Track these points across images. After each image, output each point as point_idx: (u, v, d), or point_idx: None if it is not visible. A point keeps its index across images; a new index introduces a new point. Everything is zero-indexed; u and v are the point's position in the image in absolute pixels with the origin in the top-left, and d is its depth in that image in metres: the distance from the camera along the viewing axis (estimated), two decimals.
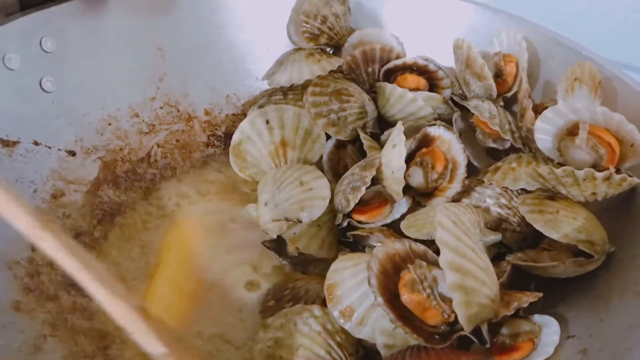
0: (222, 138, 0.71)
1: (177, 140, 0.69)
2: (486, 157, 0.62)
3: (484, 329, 0.42)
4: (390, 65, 0.66)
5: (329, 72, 0.65)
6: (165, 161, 0.68)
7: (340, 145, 0.65)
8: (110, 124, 0.65)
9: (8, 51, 0.58)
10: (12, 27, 0.58)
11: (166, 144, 0.69)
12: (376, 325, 0.46)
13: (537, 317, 0.48)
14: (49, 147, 0.60)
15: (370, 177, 0.55)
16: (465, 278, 0.40)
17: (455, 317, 0.43)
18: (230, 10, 0.71)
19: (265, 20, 0.71)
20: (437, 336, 0.43)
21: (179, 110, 0.70)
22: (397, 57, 0.68)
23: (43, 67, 0.61)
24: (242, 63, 0.72)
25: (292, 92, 0.68)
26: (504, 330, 0.47)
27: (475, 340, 0.43)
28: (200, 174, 0.68)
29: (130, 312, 0.39)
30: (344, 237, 0.58)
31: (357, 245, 0.57)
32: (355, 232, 0.55)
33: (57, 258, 0.38)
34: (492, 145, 0.61)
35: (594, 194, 0.50)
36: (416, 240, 0.48)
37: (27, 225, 0.38)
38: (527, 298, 0.46)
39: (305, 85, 0.66)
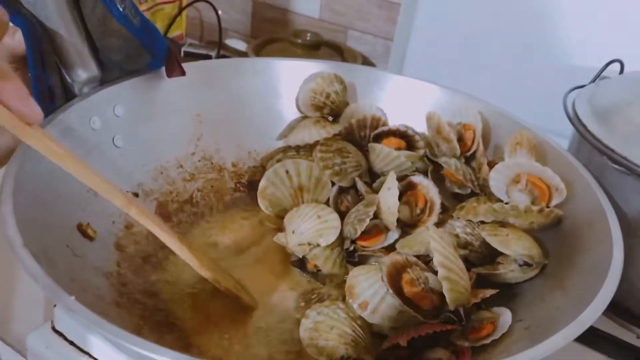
0: (245, 185, 0.89)
1: (212, 186, 0.87)
2: (453, 200, 0.83)
3: (461, 310, 0.62)
4: (378, 130, 0.86)
5: (332, 135, 0.86)
6: (204, 202, 0.86)
7: (342, 190, 0.83)
8: (162, 173, 0.83)
9: (93, 115, 0.74)
10: (96, 97, 0.74)
11: (204, 189, 0.86)
12: (385, 314, 0.64)
13: (495, 309, 0.66)
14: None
15: (372, 212, 0.74)
16: (450, 273, 0.60)
17: (441, 303, 0.62)
18: (252, 86, 0.91)
19: (278, 94, 0.92)
20: (429, 315, 0.62)
21: (212, 163, 0.88)
22: (384, 125, 0.88)
23: (115, 127, 0.77)
24: (261, 126, 0.91)
25: (303, 150, 0.87)
26: (474, 317, 0.65)
27: (455, 318, 0.62)
28: (232, 213, 0.86)
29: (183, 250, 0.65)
30: (350, 257, 0.76)
31: (361, 264, 0.76)
32: (362, 253, 0.74)
33: (141, 222, 0.64)
34: (457, 190, 0.81)
35: (532, 222, 0.71)
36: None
37: (121, 203, 0.62)
38: (488, 291, 0.66)
39: (312, 145, 0.86)
